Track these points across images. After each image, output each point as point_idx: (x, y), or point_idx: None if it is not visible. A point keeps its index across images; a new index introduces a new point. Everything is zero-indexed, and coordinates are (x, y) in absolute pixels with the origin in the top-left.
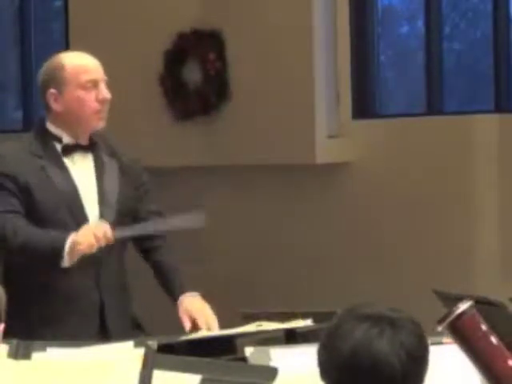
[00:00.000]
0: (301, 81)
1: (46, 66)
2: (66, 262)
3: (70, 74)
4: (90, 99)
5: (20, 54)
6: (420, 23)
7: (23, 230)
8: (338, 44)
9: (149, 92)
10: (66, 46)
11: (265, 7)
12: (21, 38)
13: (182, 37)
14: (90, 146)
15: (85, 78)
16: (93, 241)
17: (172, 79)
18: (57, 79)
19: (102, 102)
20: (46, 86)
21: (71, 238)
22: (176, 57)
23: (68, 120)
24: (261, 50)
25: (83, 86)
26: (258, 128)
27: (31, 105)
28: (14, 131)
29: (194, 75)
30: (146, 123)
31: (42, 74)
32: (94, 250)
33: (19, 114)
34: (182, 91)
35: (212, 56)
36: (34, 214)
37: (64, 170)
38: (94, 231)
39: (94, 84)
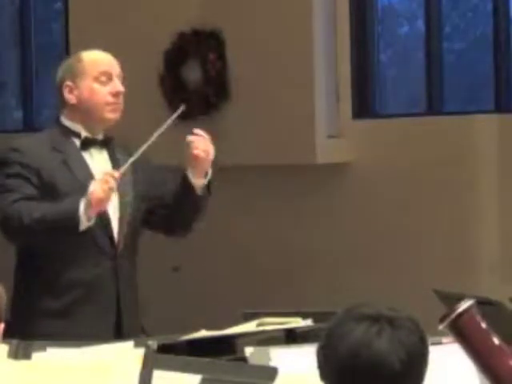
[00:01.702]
0: (301, 81)
1: (64, 63)
2: (84, 223)
3: (87, 66)
4: (103, 92)
5: (20, 54)
6: (420, 23)
7: (37, 206)
8: (337, 44)
9: (149, 92)
10: (66, 46)
11: (265, 7)
12: (21, 38)
13: (182, 37)
14: (105, 142)
15: (99, 69)
16: (104, 186)
17: (172, 79)
18: (73, 71)
19: (115, 95)
20: (63, 80)
21: (85, 197)
22: (176, 57)
23: (82, 111)
24: (261, 50)
25: (97, 79)
26: (258, 128)
27: (31, 105)
28: (14, 131)
29: (194, 75)
30: (146, 123)
31: (59, 70)
32: (110, 195)
33: (19, 114)
34: (181, 91)
35: (212, 56)
36: None
37: (84, 164)
38: (99, 179)
39: (109, 77)
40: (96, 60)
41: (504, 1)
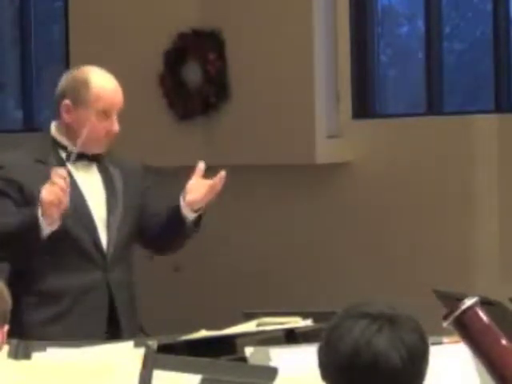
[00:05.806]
0: (301, 81)
1: (71, 75)
2: (46, 229)
3: (92, 97)
4: (99, 129)
5: (20, 54)
6: (420, 23)
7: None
8: (337, 44)
9: (149, 92)
10: (66, 46)
11: (265, 7)
12: (21, 38)
13: (182, 37)
14: (95, 155)
15: (102, 107)
16: (55, 189)
17: (172, 79)
18: (77, 94)
19: (110, 134)
20: (64, 95)
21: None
22: (176, 57)
23: (74, 132)
24: (261, 50)
25: (98, 114)
26: (258, 128)
27: (31, 105)
28: (14, 131)
29: (194, 75)
30: (146, 123)
31: (64, 81)
32: (64, 198)
33: (19, 114)
34: (182, 91)
35: (212, 56)
36: None
37: (69, 177)
38: (50, 181)
39: (109, 114)
40: (102, 95)
41: (504, 1)
